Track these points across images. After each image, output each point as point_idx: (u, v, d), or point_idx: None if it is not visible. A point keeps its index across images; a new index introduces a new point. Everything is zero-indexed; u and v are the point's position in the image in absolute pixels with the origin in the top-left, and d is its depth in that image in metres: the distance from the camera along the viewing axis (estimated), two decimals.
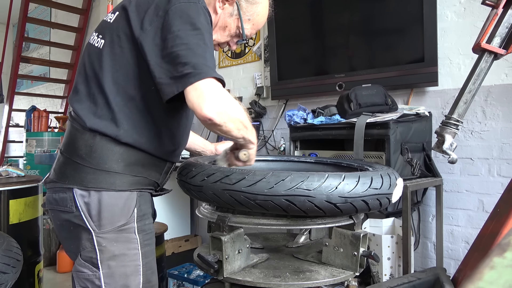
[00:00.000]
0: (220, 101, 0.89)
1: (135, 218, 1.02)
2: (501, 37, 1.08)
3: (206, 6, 1.01)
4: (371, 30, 2.31)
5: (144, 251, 1.03)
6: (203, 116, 0.87)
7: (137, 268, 1.01)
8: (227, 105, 0.91)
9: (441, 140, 1.15)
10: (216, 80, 0.90)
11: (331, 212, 0.94)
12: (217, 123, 0.89)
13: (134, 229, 1.02)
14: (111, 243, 0.99)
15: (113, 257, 0.99)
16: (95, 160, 0.99)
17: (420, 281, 0.84)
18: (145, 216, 1.05)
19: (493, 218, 0.82)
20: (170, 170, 1.16)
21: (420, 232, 2.14)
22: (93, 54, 1.04)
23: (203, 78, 0.88)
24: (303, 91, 2.64)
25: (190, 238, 3.22)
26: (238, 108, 0.95)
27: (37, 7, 6.06)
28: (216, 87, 0.90)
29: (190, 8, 0.95)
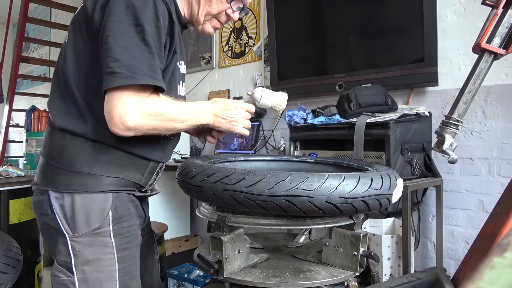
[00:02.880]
0: (134, 113, 0.87)
1: (110, 221, 0.97)
2: (501, 37, 1.08)
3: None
4: (371, 30, 2.31)
5: (121, 256, 0.99)
6: (113, 131, 0.87)
7: (112, 273, 0.97)
8: (142, 114, 0.88)
9: (441, 140, 1.15)
10: (137, 88, 0.87)
11: (331, 212, 0.94)
12: (131, 134, 0.89)
13: (109, 233, 0.97)
14: (85, 248, 0.96)
15: (87, 262, 0.96)
16: (66, 161, 0.97)
17: (420, 281, 0.85)
18: (123, 218, 1.00)
19: (493, 218, 0.82)
20: (156, 170, 1.11)
21: (420, 232, 2.14)
22: (62, 50, 1.03)
23: (127, 84, 0.85)
24: (303, 91, 2.64)
25: (190, 238, 3.22)
26: (159, 111, 0.91)
27: (37, 7, 6.06)
28: (131, 99, 0.86)
29: (138, 3, 0.89)
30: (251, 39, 3.10)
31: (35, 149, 4.38)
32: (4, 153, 5.01)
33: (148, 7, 0.89)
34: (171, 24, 0.96)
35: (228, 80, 3.26)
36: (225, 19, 1.14)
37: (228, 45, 3.27)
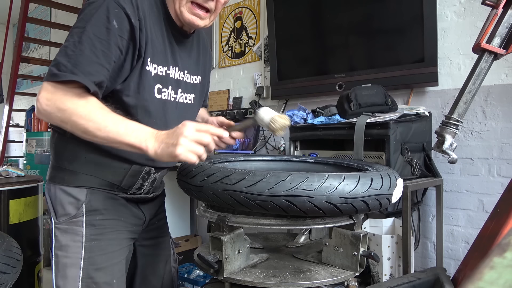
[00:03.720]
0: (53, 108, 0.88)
1: (83, 211, 1.03)
2: (501, 37, 1.08)
3: (121, 1, 0.93)
4: (371, 30, 2.31)
5: (89, 245, 1.03)
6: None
7: (77, 260, 1.02)
8: (58, 110, 0.89)
9: (441, 140, 1.15)
10: (61, 82, 0.88)
11: (331, 212, 0.94)
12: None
13: (82, 223, 1.03)
14: (61, 233, 1.04)
15: (60, 247, 1.04)
16: (54, 157, 1.08)
17: (420, 281, 0.84)
18: (97, 212, 1.04)
19: (493, 218, 0.82)
20: (142, 174, 1.09)
21: (420, 232, 2.14)
22: None
23: (54, 81, 0.88)
24: (303, 91, 2.64)
25: (190, 238, 3.22)
26: (66, 105, 0.88)
27: (37, 7, 6.06)
28: (49, 87, 0.88)
29: (90, 6, 0.93)
30: (251, 39, 3.10)
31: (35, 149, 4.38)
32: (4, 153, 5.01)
33: (99, 11, 0.91)
34: (131, 28, 0.95)
35: (228, 80, 3.26)
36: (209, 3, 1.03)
37: (228, 45, 3.27)
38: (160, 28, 1.04)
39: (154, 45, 1.02)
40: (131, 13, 0.94)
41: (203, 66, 1.24)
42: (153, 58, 1.02)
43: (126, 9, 0.93)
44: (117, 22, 0.92)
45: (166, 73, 1.07)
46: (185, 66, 1.13)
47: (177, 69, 1.10)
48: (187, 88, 1.15)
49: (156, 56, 1.02)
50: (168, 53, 1.07)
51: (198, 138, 0.87)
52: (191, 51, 1.18)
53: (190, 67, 1.16)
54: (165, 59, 1.06)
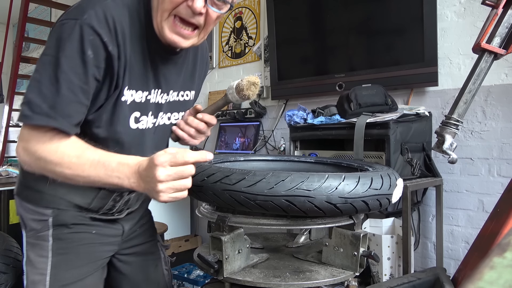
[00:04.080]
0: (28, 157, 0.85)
1: (49, 225, 0.98)
2: (501, 37, 1.08)
3: (92, 23, 0.82)
4: (371, 30, 2.31)
5: (56, 260, 0.97)
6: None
7: (43, 277, 0.96)
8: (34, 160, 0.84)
9: (441, 140, 1.15)
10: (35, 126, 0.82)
11: (331, 212, 0.94)
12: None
13: (48, 237, 0.97)
14: (30, 248, 0.99)
15: (28, 262, 0.99)
16: (21, 172, 1.04)
17: (420, 281, 0.85)
18: (65, 226, 0.99)
19: (493, 218, 0.82)
20: (113, 196, 1.02)
21: (420, 232, 2.14)
22: None
23: (27, 123, 0.82)
24: (303, 91, 2.64)
25: (190, 238, 3.22)
26: (40, 154, 0.83)
27: (37, 7, 6.06)
28: (25, 135, 0.84)
29: (62, 29, 0.82)
30: (251, 39, 3.10)
31: None
32: (4, 153, 5.01)
33: (72, 38, 0.81)
34: (108, 57, 0.85)
35: (228, 80, 3.26)
36: (186, 12, 0.87)
37: (228, 45, 3.27)
38: (142, 47, 0.93)
39: (134, 70, 0.92)
40: (108, 40, 0.84)
41: (198, 78, 1.16)
42: (131, 84, 0.92)
43: (102, 35, 0.83)
44: (93, 51, 0.83)
45: (146, 98, 0.97)
46: (170, 86, 1.03)
47: (159, 92, 1.00)
48: (172, 108, 1.07)
49: (134, 82, 0.93)
50: (150, 76, 0.96)
51: (178, 175, 0.78)
52: (182, 67, 1.06)
53: (178, 85, 1.06)
54: (146, 83, 0.96)
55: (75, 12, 0.83)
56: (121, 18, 0.86)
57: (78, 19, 0.82)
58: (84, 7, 0.83)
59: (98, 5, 0.84)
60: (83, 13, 0.82)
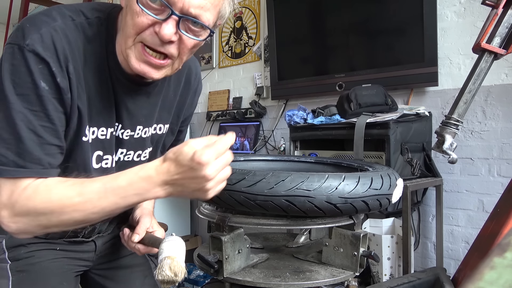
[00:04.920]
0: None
1: (3, 249, 0.90)
2: (501, 37, 1.08)
3: (37, 49, 0.69)
4: (371, 30, 2.31)
5: (17, 279, 0.90)
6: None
7: None
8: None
9: (441, 140, 1.15)
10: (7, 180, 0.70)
11: (331, 212, 0.94)
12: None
13: (5, 259, 0.90)
14: None
15: None
16: None
17: (420, 281, 0.85)
18: (22, 246, 0.91)
19: (493, 218, 0.82)
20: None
21: (420, 232, 2.14)
22: None
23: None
24: (303, 91, 2.64)
25: (190, 238, 3.22)
26: (40, 208, 0.71)
27: (37, 7, 6.05)
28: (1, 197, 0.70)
29: (4, 57, 0.70)
30: (251, 39, 3.10)
31: None
32: None
33: (19, 70, 0.69)
34: (58, 90, 0.72)
35: (228, 80, 3.27)
36: (152, 40, 0.73)
37: (228, 45, 3.27)
38: (103, 77, 0.80)
39: (94, 105, 0.80)
40: (56, 69, 0.71)
41: (178, 108, 1.00)
42: (92, 121, 0.81)
43: (50, 64, 0.70)
44: (46, 82, 0.70)
45: (111, 135, 0.86)
46: (136, 122, 0.90)
47: (119, 127, 0.88)
48: (137, 145, 0.94)
49: (96, 118, 0.81)
50: (112, 110, 0.84)
51: (222, 166, 0.70)
52: (158, 98, 0.92)
53: (150, 119, 0.93)
54: (110, 118, 0.84)
55: (16, 36, 0.70)
56: (74, 43, 0.74)
57: (19, 44, 0.69)
58: (27, 30, 0.70)
59: (45, 28, 0.71)
60: (26, 37, 0.69)
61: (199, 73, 1.06)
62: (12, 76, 0.69)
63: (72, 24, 0.75)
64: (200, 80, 1.07)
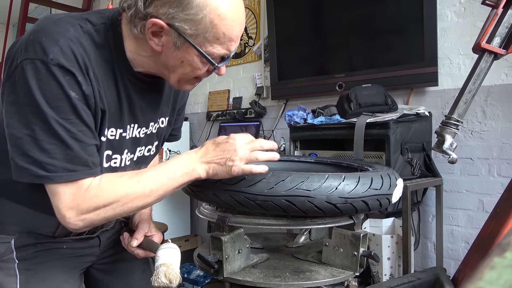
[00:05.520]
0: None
1: (12, 249, 0.91)
2: (501, 37, 1.08)
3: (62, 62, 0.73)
4: (371, 30, 2.31)
5: (25, 277, 0.92)
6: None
7: None
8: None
9: (441, 140, 1.15)
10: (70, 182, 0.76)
11: (331, 212, 0.94)
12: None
13: (13, 259, 0.91)
14: None
15: None
16: None
17: (420, 281, 0.85)
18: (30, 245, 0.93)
19: (493, 218, 0.82)
20: None
21: (420, 232, 2.14)
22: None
23: (50, 183, 0.76)
24: (303, 91, 2.64)
25: (190, 238, 3.22)
26: (108, 199, 0.79)
27: (37, 7, 6.06)
28: (64, 199, 0.77)
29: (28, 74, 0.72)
30: (251, 39, 3.10)
31: None
32: None
33: (47, 86, 0.72)
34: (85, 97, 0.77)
35: (228, 80, 3.27)
36: (207, 75, 0.89)
37: None
38: (113, 80, 0.84)
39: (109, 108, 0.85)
40: (81, 78, 0.76)
41: (174, 100, 1.06)
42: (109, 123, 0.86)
43: (75, 74, 0.74)
44: (74, 91, 0.75)
45: (121, 136, 0.90)
46: (149, 118, 0.96)
47: (135, 126, 0.93)
48: (149, 140, 1.00)
49: (110, 120, 0.86)
50: (124, 111, 0.88)
51: (250, 149, 0.87)
52: (161, 93, 0.98)
53: (157, 114, 0.99)
54: (120, 119, 0.88)
55: (35, 51, 0.72)
56: (88, 50, 0.78)
57: (42, 59, 0.72)
58: (46, 43, 0.73)
59: (62, 39, 0.74)
60: (47, 51, 0.72)
61: None
62: (42, 91, 0.72)
63: (82, 32, 0.79)
64: None
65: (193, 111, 3.56)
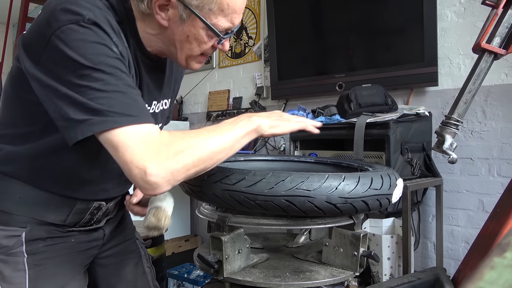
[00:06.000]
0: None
1: (23, 242, 0.90)
2: (501, 37, 1.08)
3: (98, 22, 0.73)
4: (371, 30, 2.31)
5: (34, 272, 0.91)
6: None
7: None
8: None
9: (441, 140, 1.15)
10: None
11: (331, 212, 0.94)
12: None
13: (22, 253, 0.91)
14: (2, 264, 0.91)
15: (3, 278, 0.91)
16: None
17: (420, 281, 0.85)
18: (40, 239, 0.93)
19: (493, 218, 0.82)
20: (90, 210, 0.97)
21: (420, 232, 2.14)
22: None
23: (115, 127, 0.72)
24: (303, 91, 2.64)
25: (190, 238, 3.22)
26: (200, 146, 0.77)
27: (37, 7, 6.06)
28: (139, 145, 0.72)
29: (72, 36, 0.71)
30: (251, 39, 3.10)
31: None
32: None
33: (90, 42, 0.73)
34: (122, 56, 0.78)
35: (228, 80, 3.27)
36: (212, 51, 0.92)
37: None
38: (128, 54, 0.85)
39: (139, 78, 0.88)
40: (116, 40, 0.78)
41: (174, 83, 1.08)
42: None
43: (111, 36, 0.76)
44: (114, 48, 0.76)
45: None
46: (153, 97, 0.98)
47: (156, 103, 0.98)
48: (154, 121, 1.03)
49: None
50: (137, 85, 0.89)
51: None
52: (163, 74, 1.01)
53: (161, 94, 1.01)
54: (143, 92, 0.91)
55: (67, 16, 0.72)
56: (111, 21, 0.79)
57: (77, 21, 0.72)
58: (77, 9, 0.73)
59: (91, 5, 0.75)
60: (81, 13, 0.73)
61: None
62: (86, 50, 0.71)
63: (104, 4, 0.79)
64: None
65: (193, 111, 3.56)
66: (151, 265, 1.24)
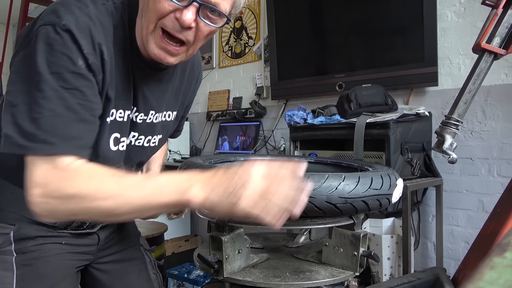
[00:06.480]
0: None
1: (11, 240, 0.89)
2: (501, 37, 1.08)
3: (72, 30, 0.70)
4: (371, 30, 2.31)
5: (22, 273, 0.89)
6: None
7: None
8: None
9: (441, 140, 1.15)
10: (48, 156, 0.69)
11: (331, 212, 0.94)
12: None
13: (11, 251, 0.89)
14: None
15: None
16: None
17: (420, 281, 0.85)
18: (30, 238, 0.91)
19: (493, 218, 0.82)
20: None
21: (420, 232, 2.14)
22: None
23: (29, 154, 0.70)
24: (303, 91, 2.64)
25: (190, 238, 3.22)
26: (73, 192, 0.69)
27: (37, 7, 6.06)
28: (36, 175, 0.69)
29: (38, 38, 0.70)
30: (251, 39, 3.10)
31: None
32: None
33: (54, 51, 0.70)
34: (90, 69, 0.73)
35: (228, 80, 3.27)
36: (173, 25, 0.76)
37: (228, 45, 3.27)
38: (125, 61, 0.83)
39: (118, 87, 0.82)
40: (88, 51, 0.72)
41: (184, 96, 1.05)
42: (115, 103, 0.82)
43: (82, 46, 0.71)
44: (81, 60, 0.72)
45: (128, 117, 0.88)
46: (150, 107, 0.93)
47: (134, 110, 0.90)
48: (148, 130, 0.96)
49: (118, 100, 0.83)
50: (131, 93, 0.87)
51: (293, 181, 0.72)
52: (168, 85, 0.96)
53: (162, 105, 0.97)
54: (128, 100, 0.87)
55: (50, 18, 0.71)
56: (106, 28, 0.76)
57: (54, 24, 0.70)
58: (62, 12, 0.71)
59: (79, 12, 0.72)
60: (62, 18, 0.71)
61: (200, 60, 1.12)
62: (47, 55, 0.69)
63: (103, 9, 0.77)
64: (201, 67, 1.13)
65: (193, 111, 3.56)
66: (157, 272, 1.22)
